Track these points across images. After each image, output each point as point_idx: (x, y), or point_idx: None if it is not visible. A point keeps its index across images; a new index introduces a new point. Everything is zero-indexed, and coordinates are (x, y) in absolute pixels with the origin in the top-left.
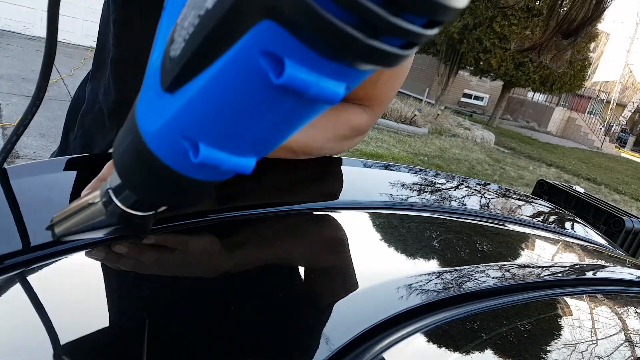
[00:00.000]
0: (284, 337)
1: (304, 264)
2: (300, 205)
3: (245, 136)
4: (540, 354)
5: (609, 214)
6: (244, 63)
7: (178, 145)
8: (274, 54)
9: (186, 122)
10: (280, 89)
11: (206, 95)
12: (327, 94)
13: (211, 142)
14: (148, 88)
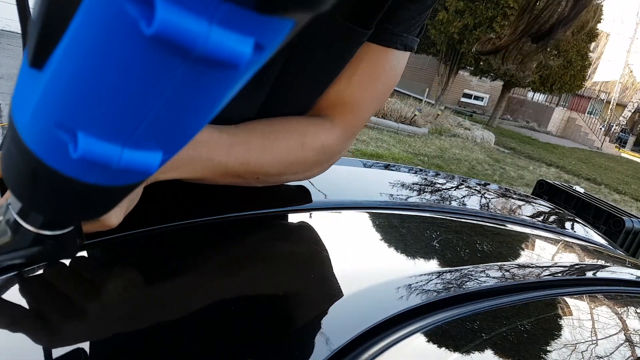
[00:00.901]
0: (285, 337)
1: (304, 263)
2: (300, 206)
3: (135, 119)
4: (540, 354)
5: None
6: (105, 11)
7: (54, 136)
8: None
9: (57, 104)
10: (156, 43)
11: (70, 63)
12: (225, 51)
13: (93, 130)
14: (22, 67)
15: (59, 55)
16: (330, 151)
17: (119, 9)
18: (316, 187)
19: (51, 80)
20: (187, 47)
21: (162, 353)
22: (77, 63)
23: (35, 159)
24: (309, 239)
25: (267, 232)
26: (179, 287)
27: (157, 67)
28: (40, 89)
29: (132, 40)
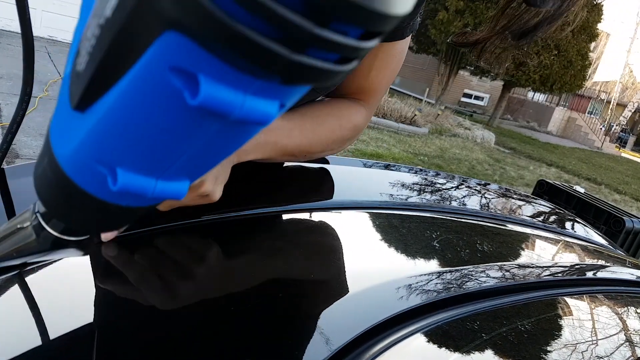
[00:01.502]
0: (285, 337)
1: (304, 263)
2: (300, 205)
3: (171, 160)
4: (540, 354)
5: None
6: (152, 80)
7: (94, 170)
8: (186, 70)
9: (99, 145)
10: (199, 110)
11: (116, 116)
12: (256, 115)
13: (131, 167)
14: (61, 104)
15: (107, 106)
16: (359, 128)
17: (166, 81)
18: (316, 187)
19: (97, 125)
20: (225, 114)
21: (162, 351)
22: (123, 115)
23: (72, 184)
24: (309, 239)
25: (267, 232)
26: (179, 287)
27: (195, 126)
28: (84, 130)
29: (175, 107)
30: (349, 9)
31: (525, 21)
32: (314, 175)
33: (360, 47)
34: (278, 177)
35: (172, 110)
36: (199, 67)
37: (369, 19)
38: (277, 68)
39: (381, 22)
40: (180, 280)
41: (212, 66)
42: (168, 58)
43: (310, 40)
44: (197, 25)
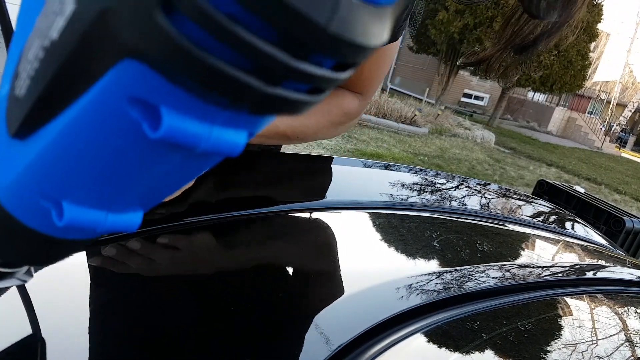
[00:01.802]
0: (285, 337)
1: (304, 263)
2: (300, 205)
3: (124, 193)
4: (540, 354)
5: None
6: (106, 111)
7: (36, 204)
8: (146, 101)
9: (43, 178)
10: (160, 143)
11: (62, 146)
12: (224, 146)
13: (79, 200)
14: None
15: (52, 136)
16: (351, 115)
17: (123, 112)
18: (316, 187)
19: (40, 156)
20: (190, 147)
21: (161, 352)
22: (71, 146)
23: (10, 218)
24: (310, 239)
25: (267, 232)
26: (179, 287)
27: (155, 159)
28: (24, 160)
29: (133, 139)
30: (329, 42)
31: (525, 35)
32: (314, 176)
33: (337, 78)
34: (278, 177)
35: (129, 142)
36: (161, 99)
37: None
38: (249, 100)
39: (359, 54)
40: (180, 280)
41: (176, 97)
42: (126, 88)
43: (286, 73)
44: (161, 55)
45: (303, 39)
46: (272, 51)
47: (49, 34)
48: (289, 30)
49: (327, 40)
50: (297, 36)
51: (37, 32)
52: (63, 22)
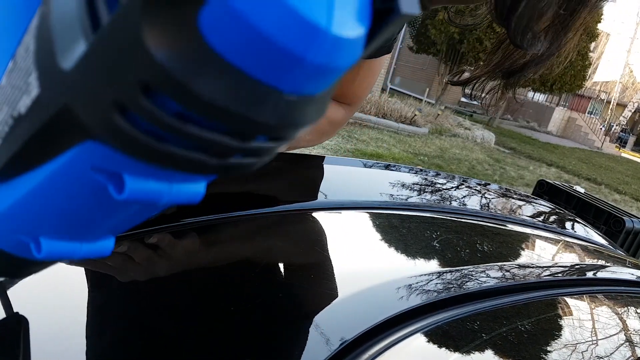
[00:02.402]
0: (285, 337)
1: (304, 263)
2: (300, 205)
3: (95, 230)
4: (540, 354)
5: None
6: (74, 175)
7: (15, 238)
8: (109, 170)
9: (20, 221)
10: (124, 202)
11: (38, 200)
12: (184, 197)
13: (55, 236)
14: None
15: (26, 187)
16: (336, 123)
17: (89, 178)
18: (316, 187)
19: (15, 202)
20: (152, 202)
21: (161, 352)
22: (45, 197)
23: None
24: (309, 239)
25: (267, 232)
26: (178, 287)
27: (121, 210)
28: (3, 202)
29: (100, 197)
30: (271, 130)
31: (514, 60)
32: (314, 176)
33: (276, 147)
34: (278, 177)
35: (96, 200)
36: (123, 168)
37: (289, 132)
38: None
39: (298, 130)
40: (179, 280)
41: (136, 167)
42: (89, 160)
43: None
44: (121, 144)
45: (248, 130)
46: (220, 139)
47: (17, 107)
48: (235, 127)
49: (269, 129)
50: (242, 129)
51: (5, 98)
52: (29, 101)
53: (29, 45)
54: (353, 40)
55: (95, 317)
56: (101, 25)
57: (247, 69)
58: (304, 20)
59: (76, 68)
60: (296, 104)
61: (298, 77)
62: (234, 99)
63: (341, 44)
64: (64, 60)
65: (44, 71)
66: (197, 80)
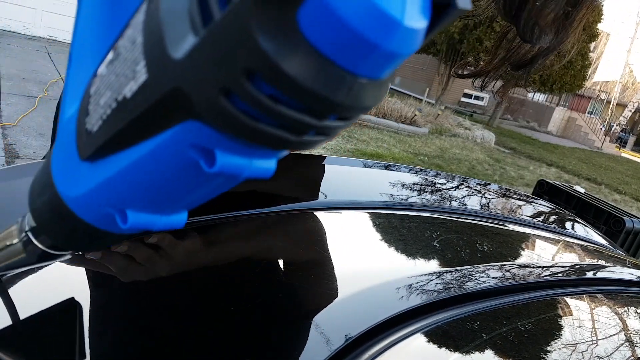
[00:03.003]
0: (285, 337)
1: (304, 263)
2: (299, 205)
3: (177, 202)
4: (540, 354)
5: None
6: (170, 152)
7: (103, 211)
8: (204, 147)
9: (111, 194)
10: (213, 174)
11: (131, 175)
12: (260, 172)
13: (140, 209)
14: (64, 151)
15: (121, 164)
16: None
17: (185, 153)
18: (316, 187)
19: (112, 179)
20: (234, 176)
21: (161, 352)
22: (137, 173)
23: (77, 219)
24: (309, 239)
25: (267, 232)
26: (178, 287)
27: (205, 183)
28: (95, 179)
29: (191, 171)
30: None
31: (522, 54)
32: (314, 176)
33: (343, 126)
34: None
35: (186, 173)
36: (215, 145)
37: (356, 112)
38: (281, 146)
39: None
40: (180, 280)
41: (227, 144)
42: (188, 138)
43: (310, 129)
44: (221, 122)
45: (325, 110)
46: (302, 118)
47: (122, 91)
48: (315, 106)
49: (342, 109)
50: (321, 108)
51: (106, 82)
52: (135, 87)
53: (135, 39)
54: (418, 31)
55: (96, 317)
56: (213, 20)
57: (332, 56)
58: (384, 13)
59: (187, 57)
60: (365, 87)
61: (371, 63)
62: (318, 82)
63: (409, 35)
64: (174, 51)
65: (153, 60)
66: (291, 65)
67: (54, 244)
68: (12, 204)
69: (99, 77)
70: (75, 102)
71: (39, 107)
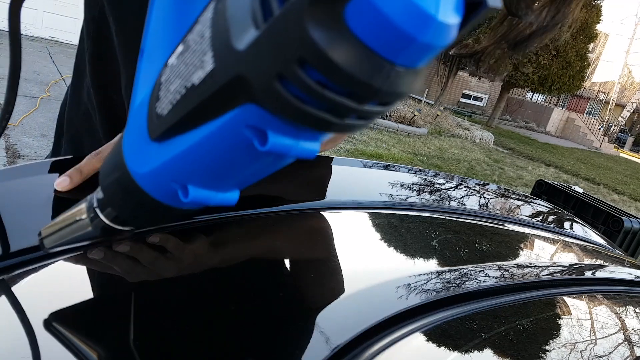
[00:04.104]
0: (285, 337)
1: (304, 263)
2: (300, 205)
3: (232, 180)
4: (540, 353)
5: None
6: (229, 132)
7: (168, 186)
8: (258, 128)
9: (176, 170)
10: (263, 153)
11: (195, 152)
12: (306, 153)
13: (200, 184)
14: (134, 132)
15: (185, 144)
16: None
17: (241, 133)
18: (316, 187)
19: (177, 157)
20: (283, 155)
21: (160, 351)
22: (201, 152)
23: (144, 194)
24: (309, 238)
25: (267, 232)
26: (178, 287)
27: (256, 161)
28: (162, 158)
29: (245, 150)
30: (382, 95)
31: (520, 31)
32: (314, 176)
33: (381, 111)
34: (277, 177)
35: (241, 151)
36: (268, 126)
37: (393, 98)
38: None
39: (400, 98)
40: (179, 280)
41: (278, 125)
42: (245, 120)
43: (352, 112)
44: (275, 105)
45: (366, 95)
46: (345, 102)
47: (190, 79)
48: (357, 91)
49: (381, 94)
50: (362, 94)
51: (176, 72)
52: (203, 74)
53: (204, 33)
54: (451, 26)
55: (97, 317)
56: (272, 16)
57: (374, 47)
58: (421, 10)
59: (249, 48)
60: (402, 75)
61: (409, 53)
62: (360, 69)
63: (443, 29)
64: (238, 43)
65: (219, 51)
66: (338, 55)
67: (119, 217)
68: (13, 204)
69: (169, 67)
70: (145, 90)
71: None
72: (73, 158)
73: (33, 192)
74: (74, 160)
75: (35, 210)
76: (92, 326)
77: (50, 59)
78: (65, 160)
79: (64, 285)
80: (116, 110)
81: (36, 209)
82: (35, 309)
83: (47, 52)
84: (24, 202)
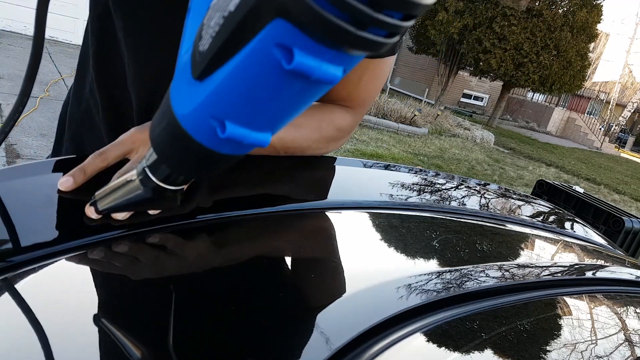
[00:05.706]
0: (285, 337)
1: (304, 263)
2: (300, 205)
3: (263, 114)
4: (540, 354)
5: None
6: (262, 53)
7: (208, 124)
8: (285, 45)
9: (214, 105)
10: (291, 73)
11: (231, 81)
12: (328, 76)
13: (235, 120)
14: (180, 78)
15: (222, 76)
16: (344, 130)
17: (270, 53)
18: (316, 187)
19: (215, 90)
20: (308, 75)
21: (160, 351)
22: (236, 80)
23: (187, 136)
24: (309, 239)
25: (267, 232)
26: (178, 287)
27: (285, 85)
28: (202, 94)
29: (274, 71)
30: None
31: None
32: (314, 176)
33: (403, 25)
34: (278, 177)
35: (271, 73)
36: (294, 43)
37: (408, 7)
38: (346, 41)
39: (417, 9)
40: (179, 280)
41: (303, 42)
42: (274, 38)
43: (369, 20)
44: (301, 15)
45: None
46: (363, 8)
47: (227, 7)
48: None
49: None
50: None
51: (217, 8)
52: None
53: None
54: None
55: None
56: None
57: None
58: None
59: None
60: None
61: None
62: None
63: None
64: None
65: None
66: None
67: (168, 173)
68: (13, 204)
69: (211, 8)
70: (191, 40)
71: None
72: (75, 158)
73: (33, 192)
74: (76, 160)
75: (35, 210)
76: (92, 325)
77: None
78: (67, 160)
79: (65, 285)
80: (119, 107)
81: (37, 209)
82: (37, 307)
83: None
84: (24, 202)
